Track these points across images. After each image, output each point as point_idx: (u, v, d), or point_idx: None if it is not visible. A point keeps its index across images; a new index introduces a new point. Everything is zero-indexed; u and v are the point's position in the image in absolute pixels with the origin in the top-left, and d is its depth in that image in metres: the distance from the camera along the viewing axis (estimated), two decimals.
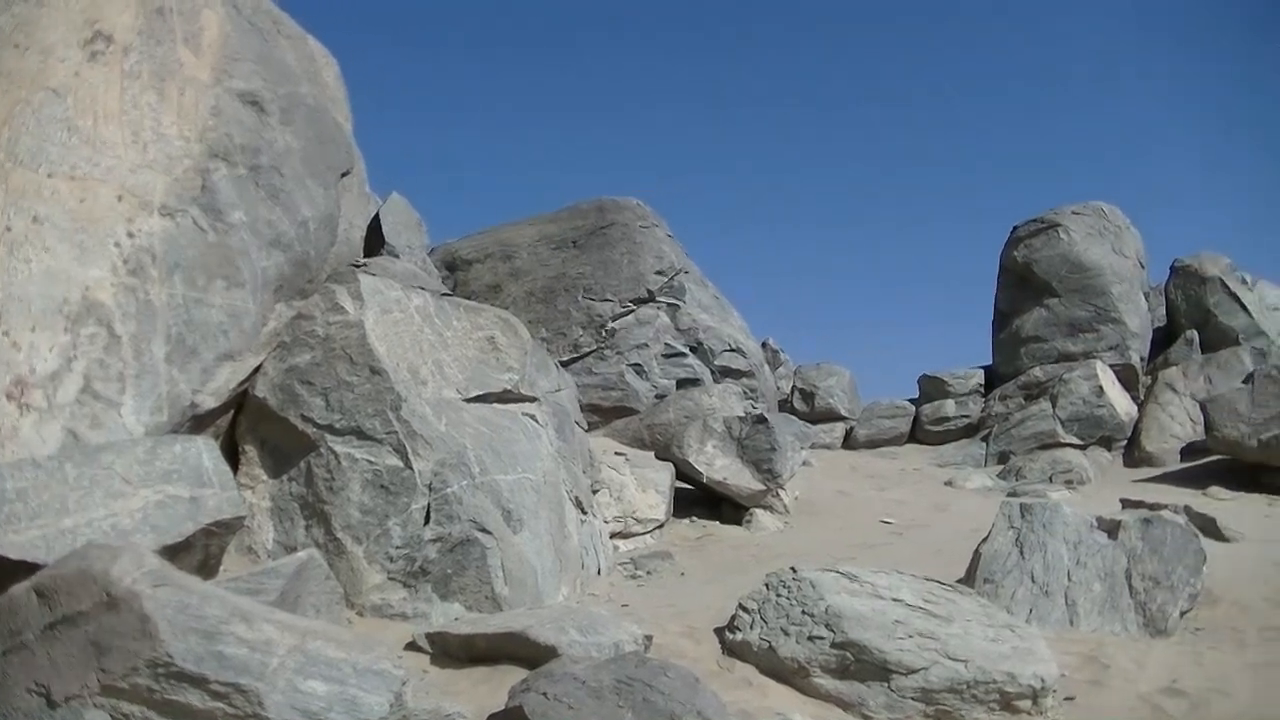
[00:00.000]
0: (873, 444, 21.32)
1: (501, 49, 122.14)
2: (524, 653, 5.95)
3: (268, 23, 8.79)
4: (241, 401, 7.83)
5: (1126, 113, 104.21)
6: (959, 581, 8.02)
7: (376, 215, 10.32)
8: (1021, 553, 8.26)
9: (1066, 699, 6.43)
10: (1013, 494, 14.58)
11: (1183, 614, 8.05)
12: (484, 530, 7.51)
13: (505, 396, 8.99)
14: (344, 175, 9.15)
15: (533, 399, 9.31)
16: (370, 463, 7.58)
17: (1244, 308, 20.63)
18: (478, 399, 8.67)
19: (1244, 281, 21.23)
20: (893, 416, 21.77)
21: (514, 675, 5.61)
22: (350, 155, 9.42)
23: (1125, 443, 18.89)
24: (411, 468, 7.55)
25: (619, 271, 15.74)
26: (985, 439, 19.85)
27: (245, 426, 7.85)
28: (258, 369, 7.82)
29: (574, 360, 15.02)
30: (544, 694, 4.96)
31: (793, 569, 7.13)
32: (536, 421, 9.14)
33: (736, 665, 6.61)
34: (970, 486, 16.44)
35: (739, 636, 6.76)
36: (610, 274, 15.72)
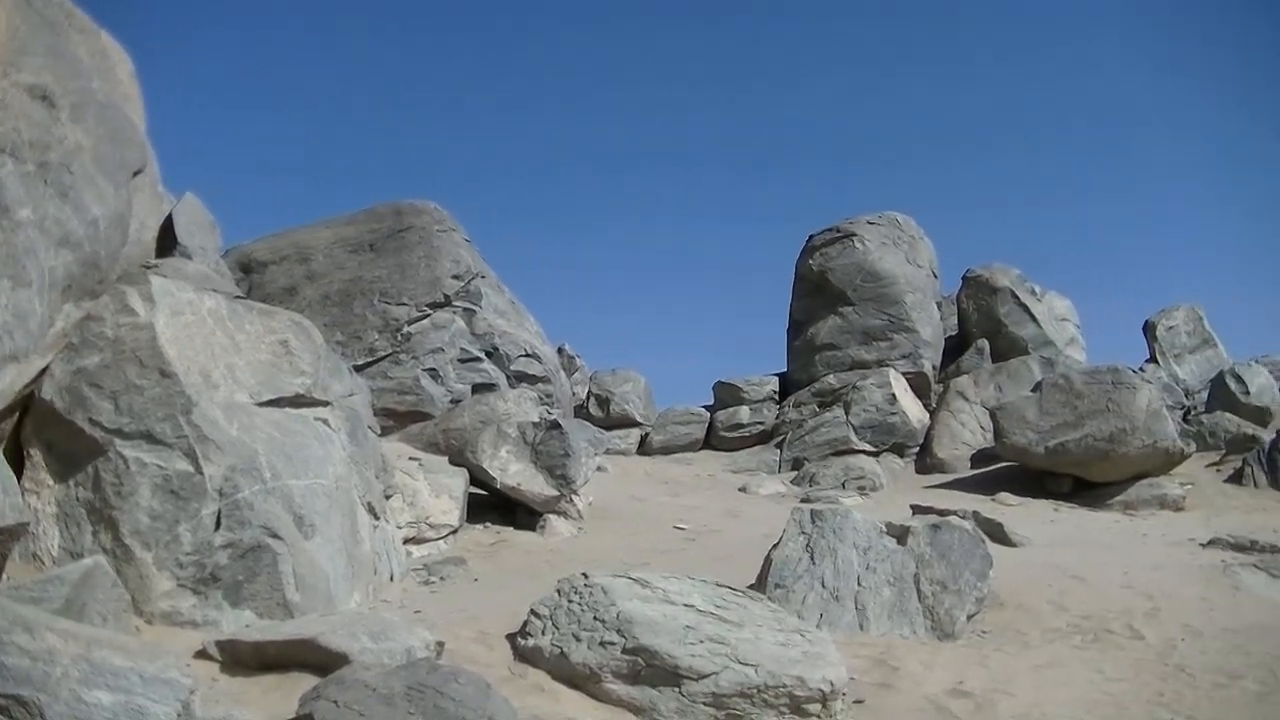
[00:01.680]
0: (668, 450, 21.64)
1: (299, 47, 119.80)
2: (315, 660, 5.97)
3: (60, 16, 8.56)
4: (27, 404, 7.63)
5: (931, 116, 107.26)
6: (751, 587, 8.27)
7: (170, 215, 10.11)
8: (812, 558, 8.54)
9: (856, 702, 6.72)
10: (806, 500, 15.05)
11: (970, 617, 8.46)
12: (275, 536, 7.49)
13: (298, 401, 8.95)
14: (136, 174, 8.96)
15: (325, 403, 9.28)
16: (160, 467, 7.47)
17: (1033, 318, 21.62)
18: (270, 403, 8.61)
19: (1033, 292, 22.23)
20: (687, 423, 22.11)
21: (305, 682, 5.64)
22: (143, 153, 9.23)
23: (917, 450, 19.66)
24: (202, 473, 7.48)
25: (415, 275, 15.73)
26: (779, 445, 20.38)
27: (31, 430, 7.65)
28: (44, 371, 7.63)
29: (369, 364, 14.95)
30: (335, 701, 5.01)
31: (585, 575, 7.27)
32: (329, 426, 9.11)
33: (529, 671, 6.72)
34: (764, 493, 16.86)
35: (531, 642, 6.86)
36: (407, 278, 15.69)
